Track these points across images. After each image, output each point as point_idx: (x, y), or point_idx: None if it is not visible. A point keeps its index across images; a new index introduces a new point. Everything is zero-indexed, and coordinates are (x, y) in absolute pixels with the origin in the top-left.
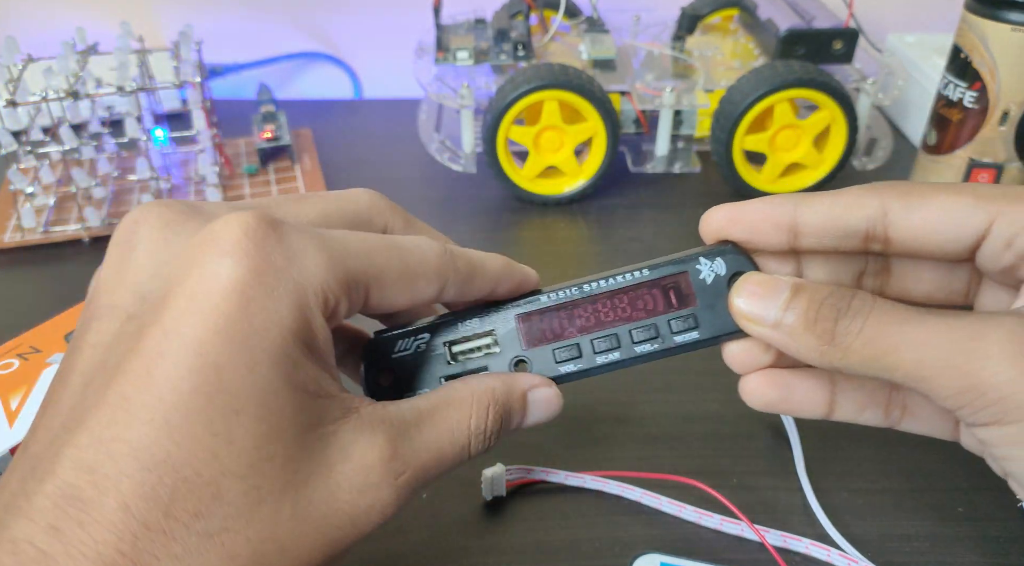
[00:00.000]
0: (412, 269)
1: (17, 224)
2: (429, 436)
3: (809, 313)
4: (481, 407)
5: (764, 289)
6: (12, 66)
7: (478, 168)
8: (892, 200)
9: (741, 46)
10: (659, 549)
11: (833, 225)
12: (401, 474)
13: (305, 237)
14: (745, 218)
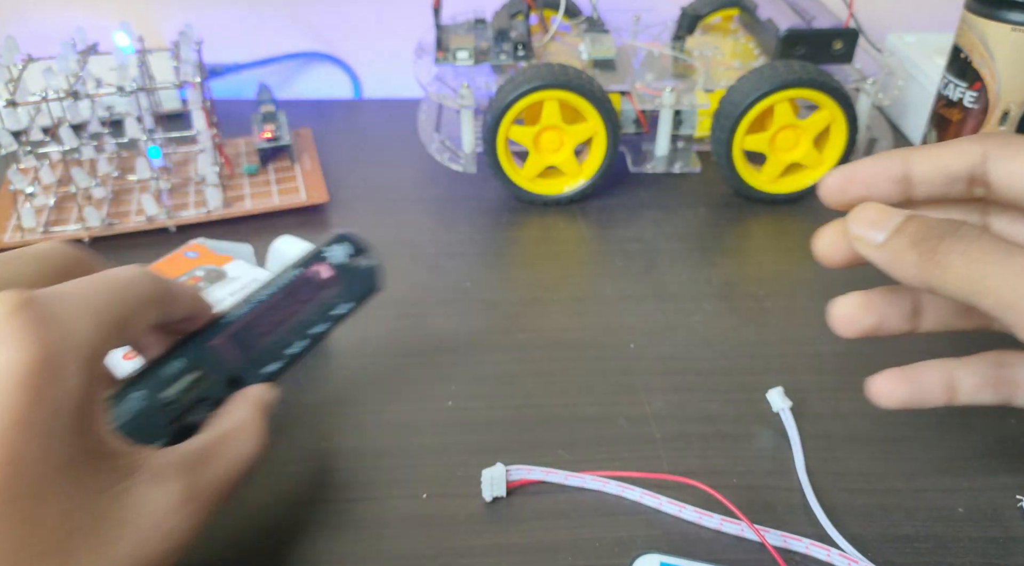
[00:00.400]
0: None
1: (17, 224)
2: (216, 469)
3: (917, 234)
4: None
5: (879, 215)
6: (12, 66)
7: (478, 168)
8: (993, 148)
9: (741, 46)
10: (659, 549)
11: (941, 172)
12: (194, 500)
13: (67, 306)
14: (860, 177)
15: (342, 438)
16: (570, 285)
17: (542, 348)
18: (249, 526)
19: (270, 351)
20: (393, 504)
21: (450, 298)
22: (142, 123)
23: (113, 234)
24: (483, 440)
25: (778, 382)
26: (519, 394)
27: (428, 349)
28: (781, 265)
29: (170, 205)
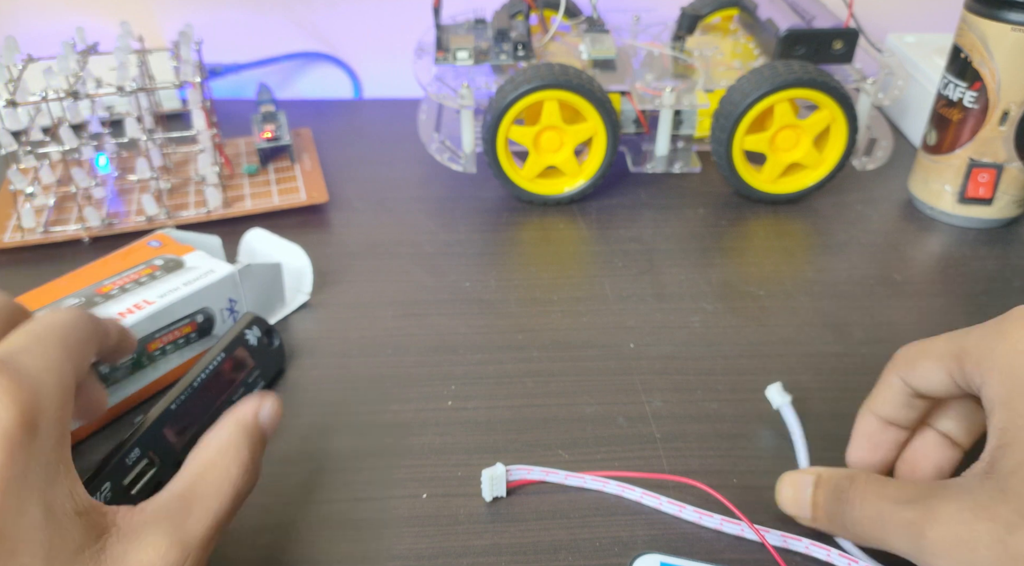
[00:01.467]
0: (89, 332)
1: (17, 224)
2: (199, 511)
3: (817, 502)
4: (232, 456)
5: (793, 489)
6: (12, 66)
7: (478, 168)
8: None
9: (741, 46)
10: (659, 549)
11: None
12: (186, 558)
13: (34, 362)
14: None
15: (342, 438)
16: (570, 285)
17: (542, 348)
18: (249, 526)
19: (203, 431)
20: (393, 504)
21: (450, 298)
22: (142, 123)
23: (113, 234)
24: (483, 440)
25: (777, 381)
26: (519, 394)
27: (428, 349)
28: (781, 265)
29: (170, 206)
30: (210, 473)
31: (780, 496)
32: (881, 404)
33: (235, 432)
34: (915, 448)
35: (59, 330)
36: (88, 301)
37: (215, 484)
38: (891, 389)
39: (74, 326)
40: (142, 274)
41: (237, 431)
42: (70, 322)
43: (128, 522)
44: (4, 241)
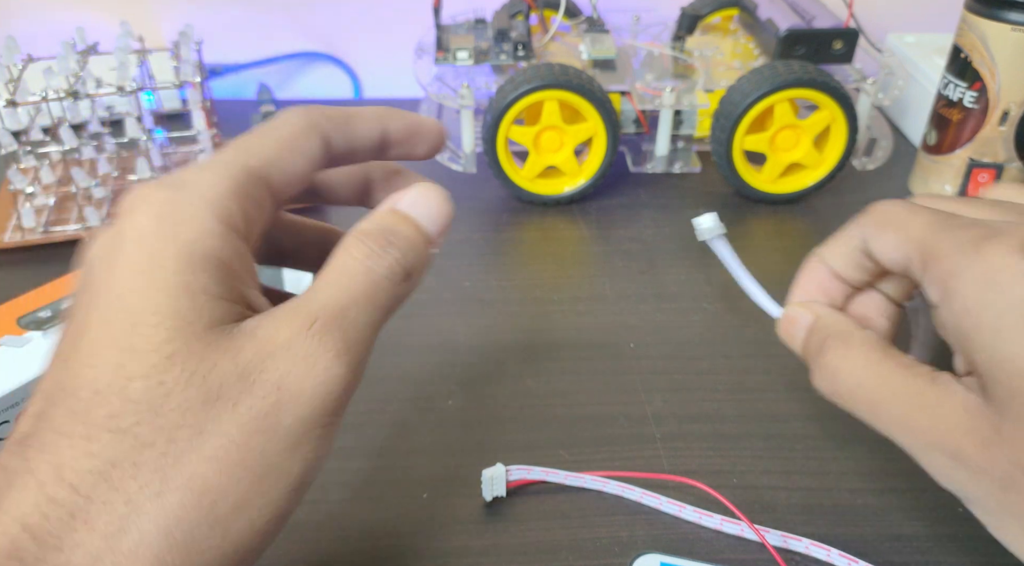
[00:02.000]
0: (286, 134)
1: (17, 224)
2: (326, 286)
3: (813, 351)
4: (352, 243)
5: (791, 326)
6: (12, 66)
7: (478, 168)
8: (868, 229)
9: (741, 46)
10: (659, 549)
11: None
12: (312, 323)
13: (187, 171)
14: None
15: (342, 438)
16: (570, 285)
17: (542, 348)
18: None
19: None
20: (392, 504)
21: (450, 298)
22: (142, 123)
23: None
24: (483, 440)
25: (777, 381)
26: (519, 394)
27: (428, 349)
28: (781, 265)
29: None
30: (333, 263)
31: (778, 328)
32: (834, 255)
33: (350, 236)
34: (863, 303)
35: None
36: None
37: (342, 269)
38: (849, 244)
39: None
40: None
41: (351, 235)
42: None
43: (273, 308)
44: (4, 241)
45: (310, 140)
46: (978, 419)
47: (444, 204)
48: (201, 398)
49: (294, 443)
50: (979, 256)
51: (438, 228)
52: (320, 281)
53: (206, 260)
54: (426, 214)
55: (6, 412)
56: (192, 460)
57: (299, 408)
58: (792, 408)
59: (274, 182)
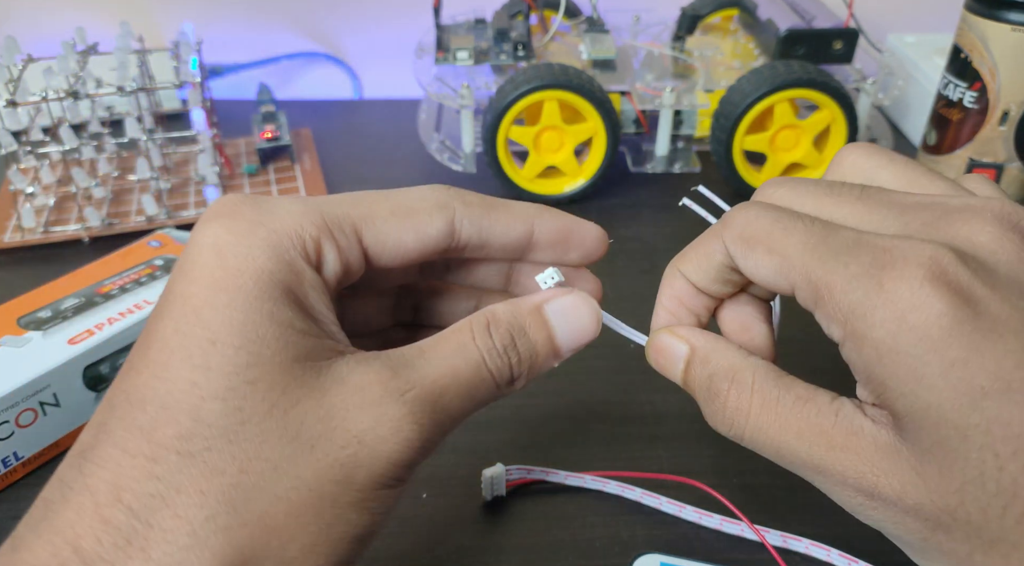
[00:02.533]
0: (405, 204)
1: (17, 224)
2: (434, 360)
3: (698, 393)
4: (479, 325)
5: (663, 359)
6: (12, 66)
7: (478, 168)
8: (730, 244)
9: (741, 46)
10: (659, 549)
11: (707, 277)
12: (407, 391)
13: (278, 198)
14: (669, 319)
15: None
16: None
17: None
18: None
19: None
20: None
21: None
22: (142, 123)
23: (113, 234)
24: (483, 440)
25: None
26: (519, 394)
27: None
28: None
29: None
30: (451, 336)
31: (649, 357)
32: (696, 270)
33: (482, 315)
34: (734, 311)
35: (381, 192)
36: (88, 301)
37: (455, 347)
38: (712, 260)
39: (406, 191)
40: (142, 274)
41: (483, 315)
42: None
43: (363, 354)
44: (4, 241)
45: (432, 219)
46: (894, 459)
47: (592, 324)
48: (279, 432)
49: (364, 498)
50: (883, 294)
51: (573, 347)
52: (432, 349)
53: (287, 293)
54: (568, 330)
55: (6, 412)
56: (264, 497)
57: (375, 467)
58: None
59: (369, 244)
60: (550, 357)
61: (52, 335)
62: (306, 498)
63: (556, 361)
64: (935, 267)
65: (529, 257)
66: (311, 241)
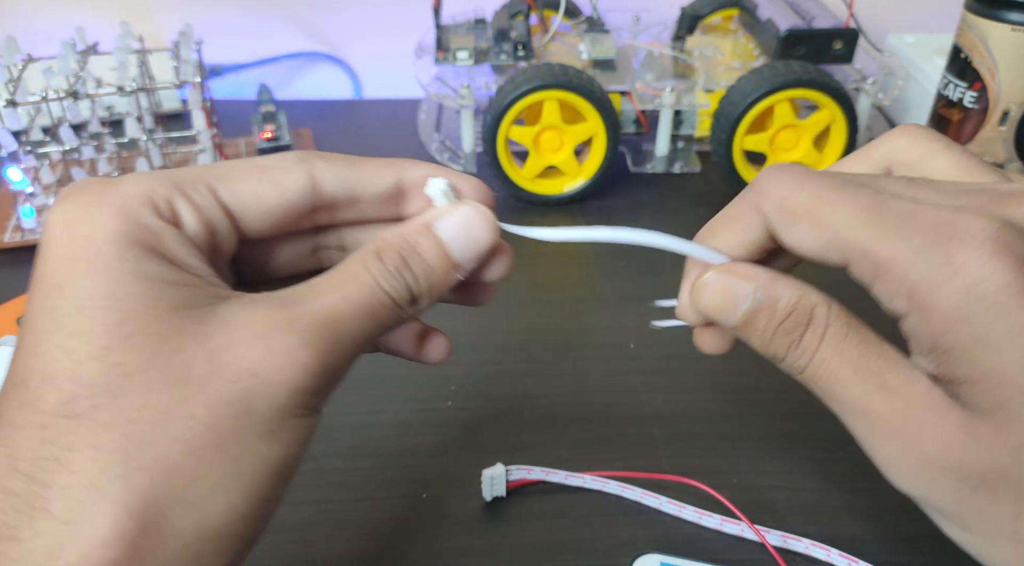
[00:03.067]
0: (262, 163)
1: (17, 224)
2: (325, 293)
3: (765, 335)
4: (369, 254)
5: (724, 300)
6: (12, 66)
7: (478, 168)
8: (771, 216)
9: (741, 46)
10: (659, 549)
11: (745, 252)
12: (295, 323)
13: (130, 174)
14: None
15: (341, 438)
16: (570, 285)
17: (542, 348)
18: None
19: None
20: (392, 504)
21: None
22: (142, 123)
23: None
24: (483, 440)
25: (777, 381)
26: (519, 394)
27: None
28: None
29: None
30: (341, 268)
31: (703, 297)
32: (730, 244)
33: (370, 244)
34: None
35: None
36: None
37: (346, 277)
38: (749, 232)
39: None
40: None
41: (371, 244)
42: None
43: (248, 296)
44: (4, 241)
45: (289, 173)
46: (944, 415)
47: (487, 233)
48: (165, 379)
49: (270, 430)
50: (952, 267)
51: (472, 259)
52: (323, 283)
53: (148, 250)
54: (462, 243)
55: None
56: (159, 441)
57: (275, 397)
58: (792, 408)
59: (227, 201)
60: (449, 271)
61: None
62: (204, 436)
63: (459, 274)
64: (1001, 240)
65: (404, 210)
66: (163, 201)
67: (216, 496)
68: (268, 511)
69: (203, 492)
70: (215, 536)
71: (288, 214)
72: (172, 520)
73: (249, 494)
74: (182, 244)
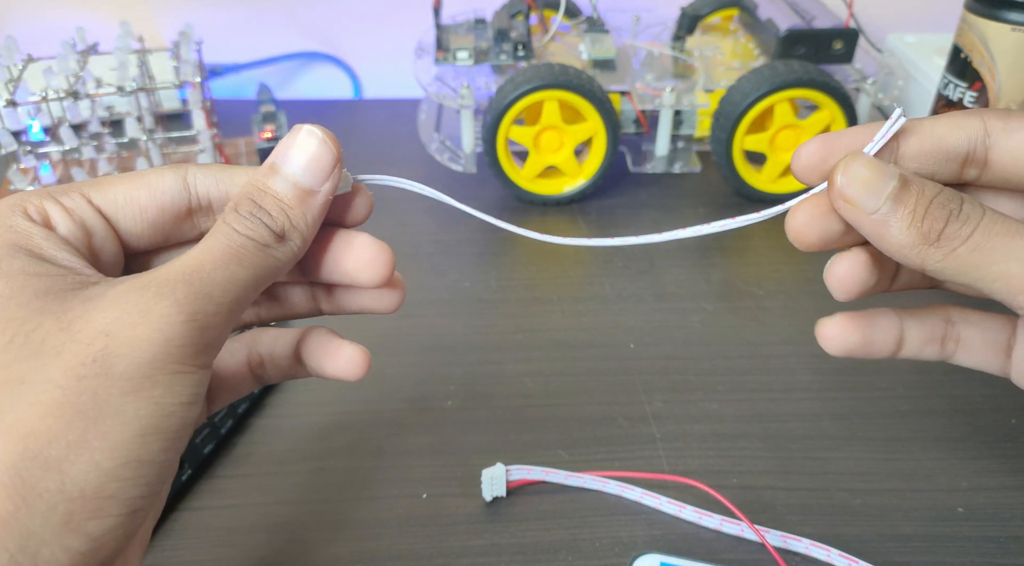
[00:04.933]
0: (139, 172)
1: None
2: (183, 256)
3: (918, 209)
4: (226, 211)
5: (872, 172)
6: (12, 66)
7: (478, 168)
8: (994, 121)
9: (741, 46)
10: (659, 549)
11: (935, 147)
12: (150, 281)
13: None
14: (842, 147)
15: (341, 438)
16: (570, 285)
17: (542, 348)
18: (247, 526)
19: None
20: (392, 504)
21: (449, 298)
22: (142, 123)
23: None
24: (483, 440)
25: (777, 381)
26: (519, 394)
27: (427, 349)
28: (781, 265)
29: None
30: (200, 241)
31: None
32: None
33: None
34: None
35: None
36: None
37: (203, 241)
38: (962, 130)
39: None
40: None
41: (230, 201)
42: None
43: (115, 278)
44: None
45: (161, 176)
46: None
47: (320, 148)
48: (21, 352)
49: (134, 387)
50: None
51: (319, 177)
52: (184, 251)
53: (13, 248)
54: (307, 167)
55: None
56: (13, 408)
57: (134, 353)
58: (792, 408)
59: (100, 203)
60: (305, 199)
61: None
62: (60, 397)
63: (318, 199)
64: None
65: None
66: (33, 207)
67: (77, 456)
68: (146, 472)
69: (62, 452)
70: (80, 496)
71: (163, 214)
72: (32, 483)
73: (116, 453)
74: (51, 241)
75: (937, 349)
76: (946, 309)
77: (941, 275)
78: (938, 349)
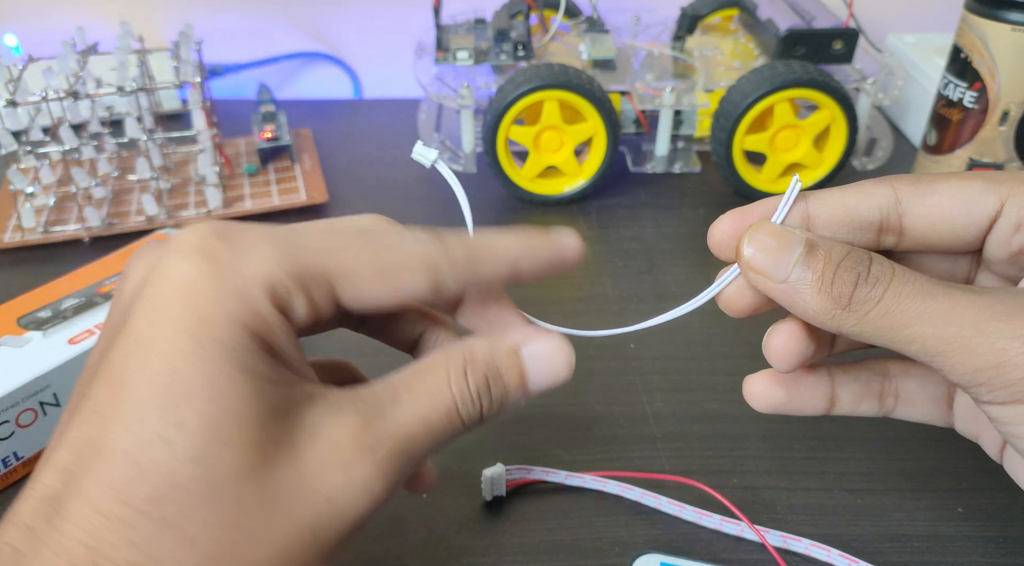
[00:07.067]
0: (387, 260)
1: (17, 224)
2: (406, 406)
3: (826, 274)
4: (456, 366)
5: (777, 241)
6: (12, 66)
7: (478, 168)
8: (904, 187)
9: (741, 46)
10: (659, 549)
11: (847, 216)
12: (377, 447)
13: (254, 234)
14: (752, 220)
15: None
16: (570, 285)
17: None
18: None
19: None
20: (392, 504)
21: None
22: (142, 123)
23: (113, 234)
24: (483, 440)
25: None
26: None
27: None
28: None
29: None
30: (427, 378)
31: (749, 247)
32: (832, 207)
33: (459, 354)
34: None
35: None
36: (88, 301)
37: (428, 393)
38: (872, 199)
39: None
40: None
41: (461, 355)
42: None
43: (337, 398)
44: (4, 241)
45: (415, 280)
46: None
47: (565, 370)
48: (256, 499)
49: (328, 555)
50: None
51: (543, 390)
52: (405, 391)
53: (258, 341)
54: (542, 375)
55: (6, 412)
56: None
57: (342, 525)
58: None
59: (343, 300)
60: (520, 398)
61: (52, 335)
62: (274, 563)
63: (524, 401)
64: None
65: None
66: (282, 289)
67: None
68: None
69: None
70: None
71: (399, 305)
72: None
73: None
74: (288, 336)
75: (875, 404)
76: (884, 363)
77: (860, 338)
78: (876, 404)
